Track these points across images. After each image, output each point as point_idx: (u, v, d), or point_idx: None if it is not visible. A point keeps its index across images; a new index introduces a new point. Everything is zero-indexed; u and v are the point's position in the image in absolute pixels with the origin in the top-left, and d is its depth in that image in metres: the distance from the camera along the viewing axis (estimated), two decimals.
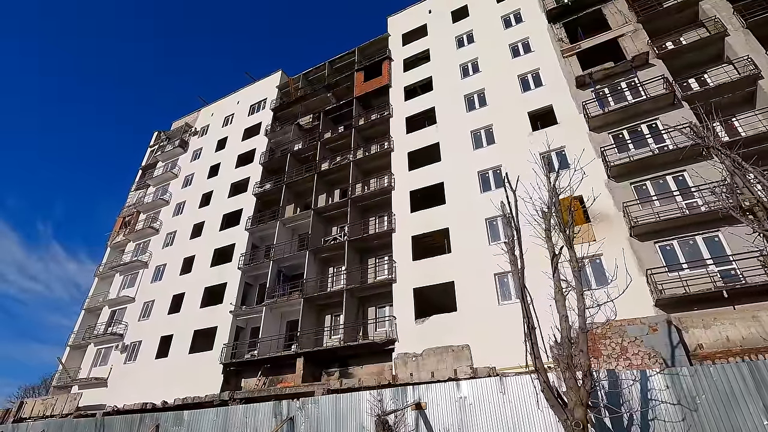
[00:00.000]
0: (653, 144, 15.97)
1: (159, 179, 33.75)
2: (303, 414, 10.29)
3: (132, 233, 31.06)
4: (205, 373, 20.76)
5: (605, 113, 16.79)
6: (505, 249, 8.72)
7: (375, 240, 20.48)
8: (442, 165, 20.33)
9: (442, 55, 24.52)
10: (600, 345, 11.61)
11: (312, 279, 20.94)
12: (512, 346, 14.09)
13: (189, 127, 35.98)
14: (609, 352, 11.30)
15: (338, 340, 18.83)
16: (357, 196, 22.03)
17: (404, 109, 23.83)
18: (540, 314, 14.10)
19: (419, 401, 9.02)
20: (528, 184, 10.50)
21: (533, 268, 14.54)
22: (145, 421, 12.81)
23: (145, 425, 12.68)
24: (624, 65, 17.80)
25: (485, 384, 8.78)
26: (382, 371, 17.82)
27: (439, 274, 17.46)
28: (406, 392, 9.36)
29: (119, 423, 13.45)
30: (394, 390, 9.59)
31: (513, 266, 8.20)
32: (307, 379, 18.43)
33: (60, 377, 26.87)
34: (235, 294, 22.87)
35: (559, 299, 7.44)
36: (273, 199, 26.14)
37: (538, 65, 20.47)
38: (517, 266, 8.06)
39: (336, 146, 25.97)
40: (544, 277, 12.86)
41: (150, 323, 25.38)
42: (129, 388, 22.88)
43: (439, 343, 15.67)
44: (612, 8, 20.04)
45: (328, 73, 29.70)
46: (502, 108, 20.20)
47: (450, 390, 9.04)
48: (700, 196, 14.02)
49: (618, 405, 7.47)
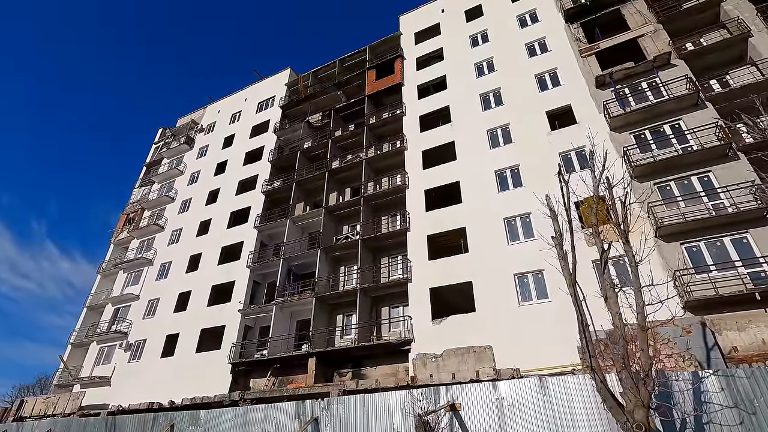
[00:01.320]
0: (677, 144, 15.76)
1: (164, 176, 33.33)
2: (328, 414, 9.93)
3: (136, 230, 30.59)
4: (213, 373, 20.33)
5: (627, 113, 16.57)
6: (552, 243, 8.41)
7: (388, 239, 20.15)
8: (457, 164, 20.06)
9: (456, 54, 24.31)
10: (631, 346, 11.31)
11: (324, 278, 20.57)
12: (536, 348, 13.90)
13: (195, 124, 35.59)
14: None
15: (351, 341, 18.49)
16: (370, 194, 21.71)
17: (418, 108, 23.57)
18: (568, 314, 13.86)
19: (454, 402, 8.69)
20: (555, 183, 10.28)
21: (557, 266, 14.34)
22: (159, 420, 12.39)
23: (159, 425, 12.26)
24: (645, 65, 17.61)
25: (525, 385, 8.45)
26: (397, 372, 17.47)
27: (456, 274, 17.15)
28: (438, 393, 9.03)
29: (131, 422, 13.02)
30: (425, 390, 9.25)
31: (562, 261, 7.87)
32: (318, 380, 18.05)
33: (61, 376, 26.33)
34: (244, 292, 22.46)
35: (611, 296, 7.12)
36: (282, 197, 25.79)
37: (556, 65, 20.27)
38: (566, 261, 7.73)
39: (347, 144, 25.66)
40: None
41: (155, 321, 24.91)
42: (133, 388, 22.39)
43: (458, 344, 15.33)
44: (631, 8, 19.89)
45: (338, 71, 29.43)
46: (520, 107, 19.97)
47: (486, 391, 8.70)
48: (727, 197, 13.80)
49: (668, 407, 7.16)
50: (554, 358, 13.24)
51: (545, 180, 17.37)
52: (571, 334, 13.50)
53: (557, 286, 15.02)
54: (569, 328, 13.76)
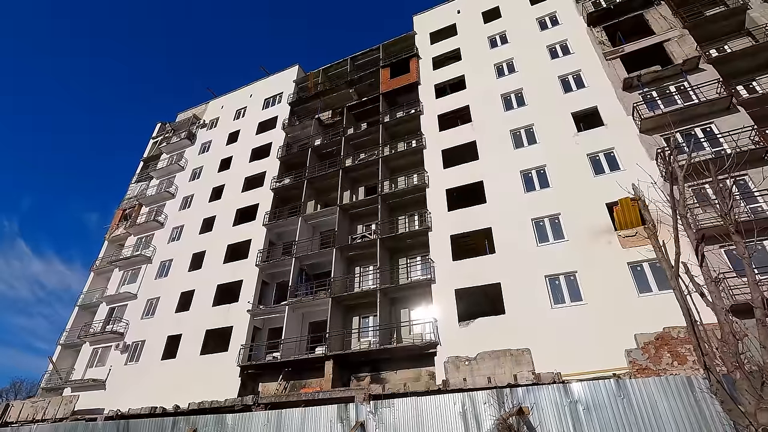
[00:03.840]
0: (709, 148, 15.65)
1: (163, 171, 32.12)
2: (376, 418, 9.21)
3: (134, 226, 29.29)
4: (220, 376, 19.30)
5: (659, 115, 16.42)
6: (644, 234, 7.93)
7: (408, 239, 19.56)
8: (480, 164, 19.66)
9: (474, 55, 24.05)
10: (682, 349, 10.93)
11: (340, 278, 19.81)
12: (572, 352, 13.42)
13: (197, 119, 34.53)
14: (695, 358, 10.59)
15: (369, 343, 17.75)
16: (388, 193, 21.11)
17: (436, 107, 23.17)
18: (605, 318, 13.45)
19: (521, 405, 8.08)
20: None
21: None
22: (179, 424, 11.42)
23: (179, 429, 11.31)
24: (674, 69, 17.55)
25: (600, 387, 7.89)
26: (419, 376, 16.79)
27: (482, 275, 16.63)
28: (502, 396, 8.41)
29: (146, 426, 12.01)
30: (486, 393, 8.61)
31: (659, 252, 7.38)
32: (336, 384, 17.24)
33: (50, 378, 24.81)
34: (252, 292, 21.51)
35: (713, 290, 6.63)
36: (291, 195, 24.99)
37: (579, 67, 20.14)
38: (662, 253, 7.24)
39: (360, 142, 25.07)
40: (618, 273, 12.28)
41: (155, 322, 23.69)
42: (131, 391, 21.14)
43: (488, 347, 14.78)
44: (654, 13, 19.93)
45: (350, 69, 28.91)
46: (543, 108, 19.73)
47: (556, 393, 8.13)
48: (765, 200, 13.67)
49: None
50: (593, 363, 12.79)
51: (575, 181, 17.15)
52: (610, 338, 13.17)
53: (591, 288, 14.72)
54: (608, 331, 13.46)
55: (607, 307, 13.90)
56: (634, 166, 16.26)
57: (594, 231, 15.64)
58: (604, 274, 14.61)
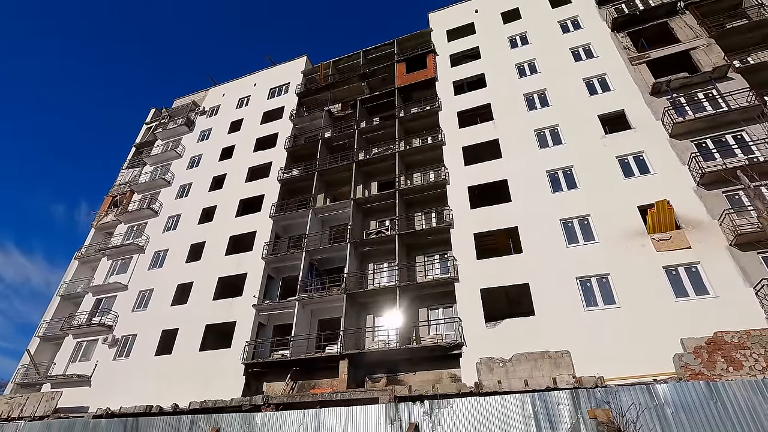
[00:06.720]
0: (741, 155, 15.62)
1: (158, 158, 30.54)
2: (432, 419, 8.43)
3: (124, 214, 27.61)
4: (221, 374, 18.11)
5: (690, 120, 16.34)
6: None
7: (428, 236, 18.87)
8: (503, 162, 19.22)
9: (494, 54, 23.75)
10: (737, 354, 10.55)
11: (354, 274, 18.93)
12: (607, 357, 12.95)
13: (196, 106, 33.11)
14: (752, 364, 10.24)
15: (385, 343, 16.91)
16: (405, 188, 20.41)
17: (455, 104, 22.69)
18: (640, 321, 13.03)
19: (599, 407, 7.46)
20: None
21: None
22: (199, 423, 10.33)
23: (199, 428, 10.22)
24: (702, 76, 17.57)
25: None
26: (440, 378, 16.04)
27: (509, 276, 16.08)
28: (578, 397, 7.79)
29: (159, 425, 10.84)
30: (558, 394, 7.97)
31: None
32: (349, 385, 16.31)
33: (27, 373, 22.89)
34: (257, 286, 20.37)
35: None
36: (299, 187, 24.00)
37: (605, 70, 20.03)
38: None
39: (374, 137, 24.33)
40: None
41: (148, 315, 22.17)
42: (119, 388, 19.63)
43: (518, 348, 14.10)
44: (679, 22, 20.04)
45: (362, 63, 28.20)
46: (569, 109, 19.50)
47: (640, 395, 7.55)
48: None
49: None
50: (634, 367, 12.32)
51: (604, 183, 16.88)
52: (650, 342, 12.73)
53: (625, 291, 14.34)
54: (646, 335, 13.03)
55: (644, 310, 13.54)
56: (665, 169, 16.19)
57: (626, 233, 15.33)
58: (639, 277, 14.27)
